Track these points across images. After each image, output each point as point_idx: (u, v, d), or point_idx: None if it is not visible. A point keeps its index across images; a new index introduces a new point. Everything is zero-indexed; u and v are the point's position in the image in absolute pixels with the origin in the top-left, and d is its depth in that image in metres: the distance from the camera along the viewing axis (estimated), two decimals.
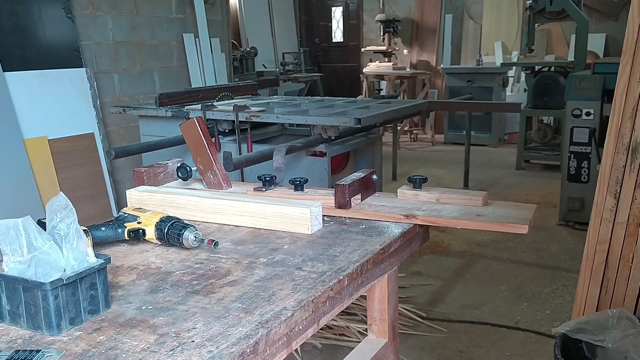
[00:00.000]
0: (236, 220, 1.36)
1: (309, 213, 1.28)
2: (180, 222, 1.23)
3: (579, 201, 4.20)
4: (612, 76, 2.53)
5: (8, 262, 0.90)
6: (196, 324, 0.88)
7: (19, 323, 0.90)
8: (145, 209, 1.30)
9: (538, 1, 5.51)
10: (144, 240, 1.25)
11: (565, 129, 4.31)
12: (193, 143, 1.59)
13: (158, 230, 1.22)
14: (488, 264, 3.65)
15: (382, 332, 1.42)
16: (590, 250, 1.98)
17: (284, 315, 0.90)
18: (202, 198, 1.41)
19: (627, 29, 1.89)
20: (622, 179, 1.90)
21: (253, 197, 1.44)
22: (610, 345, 1.63)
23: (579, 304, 2.03)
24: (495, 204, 1.39)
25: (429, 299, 3.16)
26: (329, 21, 9.90)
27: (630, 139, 1.88)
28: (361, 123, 3.19)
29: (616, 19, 7.31)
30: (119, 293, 1.01)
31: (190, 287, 1.03)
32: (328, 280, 1.04)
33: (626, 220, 1.90)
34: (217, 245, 1.17)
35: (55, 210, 0.94)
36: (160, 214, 1.26)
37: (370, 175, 1.49)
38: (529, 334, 2.76)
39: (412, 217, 1.33)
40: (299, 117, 3.44)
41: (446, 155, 6.95)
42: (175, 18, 4.95)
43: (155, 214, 1.26)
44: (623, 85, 1.89)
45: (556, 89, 5.71)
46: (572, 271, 3.40)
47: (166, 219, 1.23)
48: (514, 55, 7.88)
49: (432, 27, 8.63)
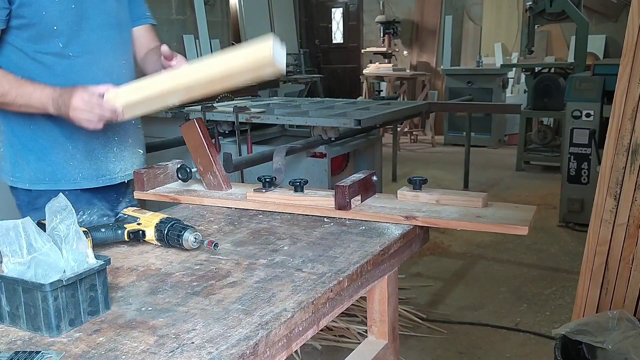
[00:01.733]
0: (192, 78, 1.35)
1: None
2: (181, 223, 1.23)
3: (579, 202, 4.20)
4: (612, 77, 2.53)
5: (8, 263, 0.90)
6: (196, 325, 0.88)
7: (18, 324, 0.90)
8: (145, 210, 1.30)
9: (538, 2, 5.52)
10: (144, 241, 1.25)
11: (565, 131, 4.31)
12: (193, 144, 1.59)
13: (158, 231, 1.22)
14: (488, 265, 3.65)
15: (382, 333, 1.42)
16: (590, 251, 1.98)
17: (284, 317, 0.90)
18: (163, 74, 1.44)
19: (627, 30, 1.89)
20: (622, 180, 1.90)
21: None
22: (610, 347, 1.63)
23: (579, 305, 2.02)
24: (495, 205, 1.39)
25: (429, 300, 3.15)
26: (329, 22, 9.90)
27: (630, 140, 1.88)
28: (361, 124, 3.19)
29: (616, 20, 7.31)
30: (118, 294, 1.01)
31: (190, 288, 1.03)
32: (328, 281, 1.03)
33: (626, 222, 1.90)
34: (217, 247, 1.17)
35: (55, 211, 0.94)
36: (161, 215, 1.26)
37: (370, 176, 1.49)
38: (529, 335, 2.76)
39: (412, 218, 1.33)
40: (299, 119, 3.44)
41: (446, 157, 6.95)
42: (175, 19, 4.94)
43: (155, 216, 1.26)
44: (623, 86, 1.89)
45: (556, 90, 5.71)
46: (572, 272, 3.40)
47: (166, 220, 1.23)
48: (513, 56, 7.88)
49: (432, 28, 8.63)
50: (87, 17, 1.58)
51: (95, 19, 1.60)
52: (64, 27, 1.54)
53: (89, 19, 1.58)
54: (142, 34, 1.79)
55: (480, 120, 7.02)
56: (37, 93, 1.46)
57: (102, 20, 1.62)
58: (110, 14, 1.64)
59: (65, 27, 1.54)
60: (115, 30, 1.66)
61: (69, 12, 1.54)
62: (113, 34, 1.66)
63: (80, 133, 1.56)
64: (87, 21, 1.58)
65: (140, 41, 1.78)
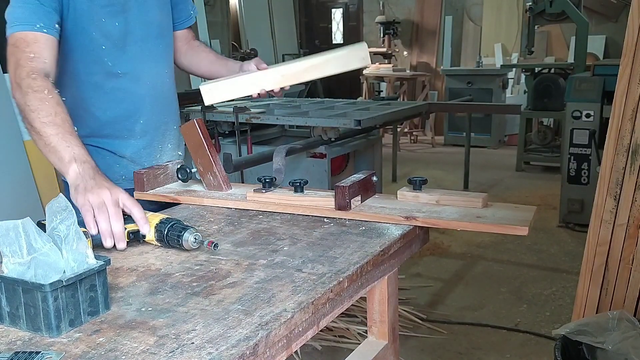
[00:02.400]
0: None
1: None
2: (180, 223, 1.22)
3: (579, 203, 4.20)
4: (612, 78, 2.53)
5: (8, 263, 0.90)
6: (196, 325, 0.88)
7: (18, 324, 0.90)
8: (145, 210, 1.30)
9: (538, 3, 5.52)
10: (144, 241, 1.25)
11: (565, 131, 4.31)
12: (193, 145, 1.59)
13: (158, 232, 1.22)
14: (488, 265, 3.65)
15: (382, 333, 1.42)
16: (590, 252, 1.98)
17: (283, 317, 0.90)
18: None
19: (627, 30, 1.89)
20: (622, 180, 1.90)
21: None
22: (610, 347, 1.63)
23: (579, 305, 2.02)
24: (495, 206, 1.39)
25: (429, 301, 3.15)
26: (329, 23, 9.89)
27: (630, 140, 1.88)
28: (361, 125, 3.19)
29: (616, 20, 7.32)
30: (118, 295, 1.01)
31: (190, 288, 1.03)
32: (328, 282, 1.03)
33: (626, 222, 1.90)
34: (217, 247, 1.17)
35: (55, 211, 0.94)
36: (160, 216, 1.26)
37: (370, 176, 1.49)
38: (529, 335, 2.76)
39: (412, 218, 1.32)
40: (299, 119, 3.44)
41: (446, 157, 6.95)
42: None
43: (154, 216, 1.26)
44: (623, 87, 1.89)
45: (556, 90, 5.71)
46: (572, 273, 3.40)
47: (166, 220, 1.23)
48: (513, 57, 7.88)
49: (432, 29, 8.63)
50: (131, 31, 1.60)
51: (138, 32, 1.62)
52: (111, 45, 1.57)
53: (132, 33, 1.61)
54: (184, 35, 1.84)
55: (480, 120, 7.02)
56: (66, 150, 1.30)
57: (145, 33, 1.64)
58: (153, 25, 1.66)
59: (112, 45, 1.57)
60: (158, 40, 1.69)
61: (115, 30, 1.57)
62: (155, 45, 1.68)
63: (129, 142, 1.66)
64: (131, 35, 1.60)
65: (181, 41, 1.83)
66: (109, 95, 1.59)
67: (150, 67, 1.67)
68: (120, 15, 1.58)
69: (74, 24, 1.51)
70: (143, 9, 1.63)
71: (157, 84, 1.69)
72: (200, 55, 1.85)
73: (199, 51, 1.84)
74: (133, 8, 1.60)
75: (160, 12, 1.69)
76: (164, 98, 1.74)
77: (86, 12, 1.52)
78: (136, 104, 1.66)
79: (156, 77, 1.69)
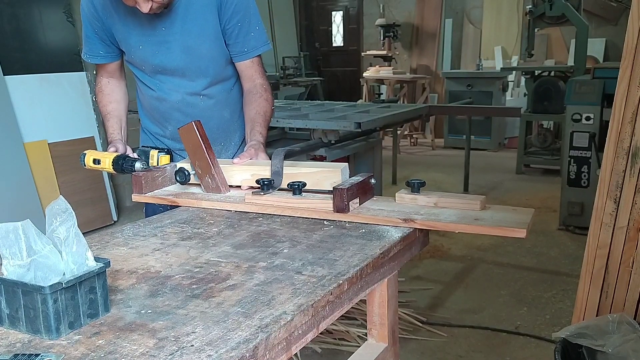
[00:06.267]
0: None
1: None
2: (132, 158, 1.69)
3: (579, 206, 4.20)
4: (611, 81, 2.53)
5: (7, 265, 0.90)
6: (195, 328, 0.88)
7: (18, 327, 0.90)
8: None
9: (538, 6, 5.53)
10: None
11: (565, 134, 4.31)
12: (191, 147, 1.59)
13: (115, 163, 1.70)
14: (488, 268, 3.64)
15: (382, 336, 1.42)
16: (590, 254, 1.98)
17: (283, 320, 0.90)
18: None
19: (627, 33, 1.89)
20: (622, 183, 1.90)
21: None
22: (610, 350, 1.63)
23: (579, 308, 2.02)
24: (494, 208, 1.39)
25: (428, 304, 3.15)
26: (329, 25, 9.91)
27: (630, 143, 1.88)
28: (361, 127, 3.20)
29: (616, 23, 7.32)
30: (118, 297, 1.01)
31: (189, 291, 1.03)
32: (328, 284, 1.03)
33: (626, 225, 1.90)
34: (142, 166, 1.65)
35: (54, 213, 0.94)
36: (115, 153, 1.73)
37: (369, 179, 1.50)
38: (529, 338, 2.75)
39: (410, 221, 1.32)
40: (299, 121, 3.44)
41: (446, 160, 6.96)
42: None
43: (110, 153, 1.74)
44: (623, 89, 1.89)
45: (556, 93, 5.72)
46: (572, 276, 3.40)
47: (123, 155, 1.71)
48: (513, 59, 7.89)
49: (432, 31, 8.64)
50: (162, 65, 1.85)
51: (167, 67, 1.85)
52: (149, 70, 1.87)
53: (163, 67, 1.86)
54: (242, 69, 1.92)
55: (480, 123, 7.03)
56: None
57: (173, 67, 1.85)
58: (178, 66, 1.84)
59: (150, 71, 1.87)
60: (180, 74, 1.87)
61: (150, 60, 1.84)
62: (181, 80, 1.88)
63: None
64: (162, 70, 1.87)
65: (242, 75, 1.94)
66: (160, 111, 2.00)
67: (177, 97, 1.91)
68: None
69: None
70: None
71: (187, 110, 1.92)
72: (245, 101, 1.95)
73: (246, 102, 1.92)
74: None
75: (186, 56, 1.84)
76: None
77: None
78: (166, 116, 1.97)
79: (185, 104, 1.93)
